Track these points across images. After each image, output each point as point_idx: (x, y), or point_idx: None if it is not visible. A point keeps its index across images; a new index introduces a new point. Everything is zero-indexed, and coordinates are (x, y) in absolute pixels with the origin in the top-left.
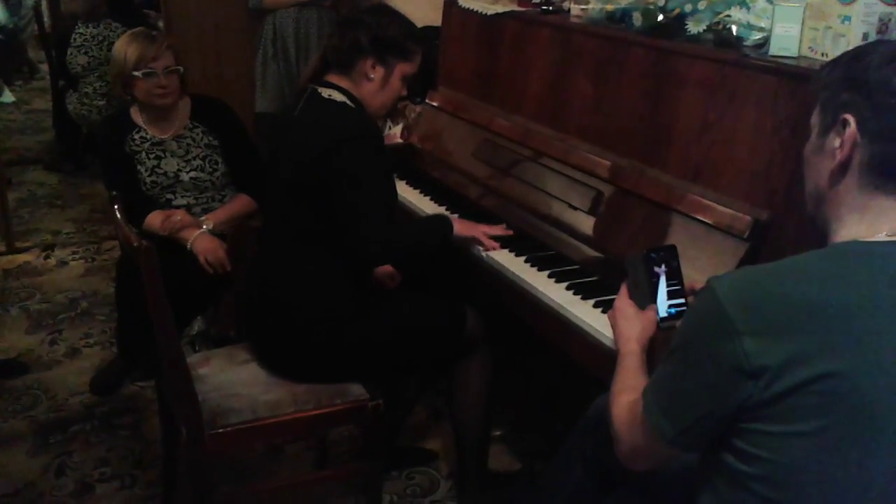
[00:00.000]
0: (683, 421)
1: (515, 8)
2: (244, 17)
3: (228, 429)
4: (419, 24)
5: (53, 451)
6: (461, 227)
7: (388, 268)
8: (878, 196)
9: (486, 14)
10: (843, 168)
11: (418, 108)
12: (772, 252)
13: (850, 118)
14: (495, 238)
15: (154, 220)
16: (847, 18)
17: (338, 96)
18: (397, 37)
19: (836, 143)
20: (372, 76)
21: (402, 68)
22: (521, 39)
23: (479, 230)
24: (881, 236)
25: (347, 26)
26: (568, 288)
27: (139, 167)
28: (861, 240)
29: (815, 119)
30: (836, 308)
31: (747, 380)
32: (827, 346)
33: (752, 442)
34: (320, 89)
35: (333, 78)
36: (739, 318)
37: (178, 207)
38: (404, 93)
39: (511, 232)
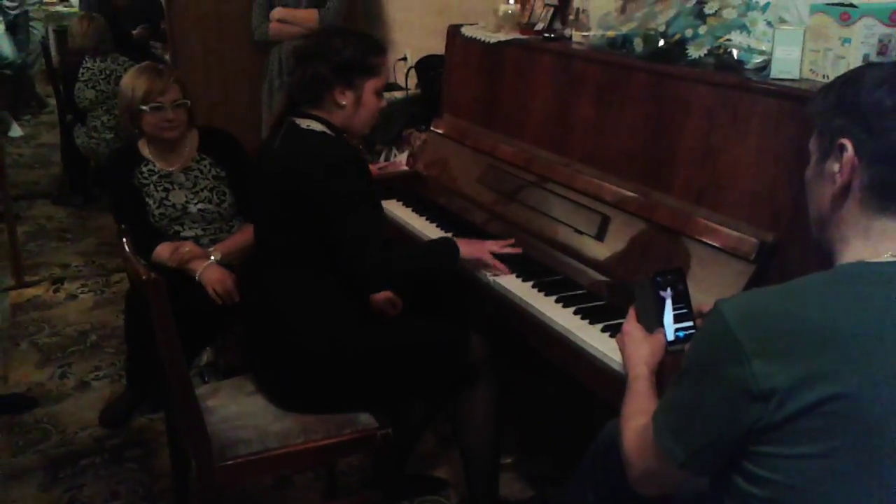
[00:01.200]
0: (694, 444)
1: (518, 36)
2: (250, 49)
3: (238, 460)
4: (422, 53)
5: (64, 486)
6: (467, 249)
7: (388, 294)
8: (881, 218)
9: (488, 42)
10: (843, 192)
11: (423, 136)
12: (778, 274)
13: (847, 143)
14: (503, 258)
15: (163, 251)
16: (847, 40)
17: (316, 126)
18: (356, 57)
19: (835, 167)
20: (343, 103)
21: (372, 84)
22: (523, 67)
23: (485, 250)
24: (886, 257)
25: (305, 61)
26: (576, 313)
27: (147, 200)
28: (867, 261)
29: (813, 145)
30: (844, 330)
31: (756, 402)
32: (835, 369)
33: (762, 464)
34: (298, 120)
35: (307, 108)
36: (748, 341)
37: (186, 239)
38: (383, 104)
39: (519, 249)
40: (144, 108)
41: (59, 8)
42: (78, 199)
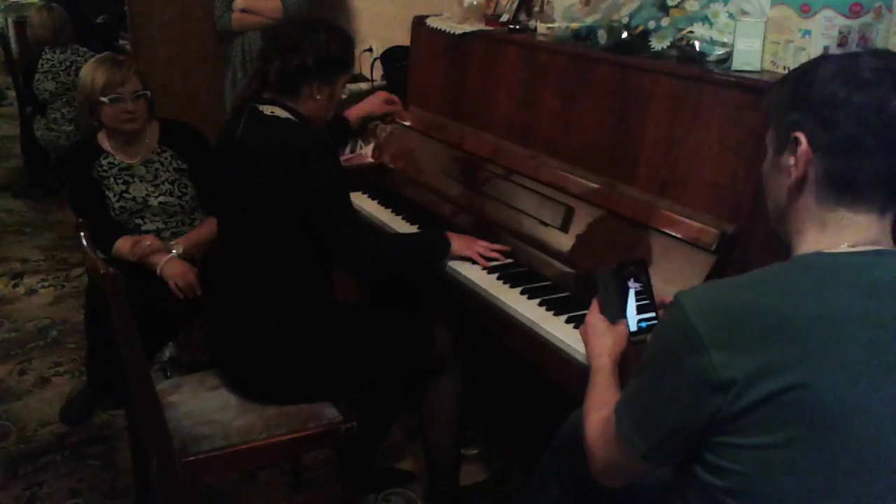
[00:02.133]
0: (655, 436)
1: (483, 27)
2: (212, 40)
3: (200, 456)
4: (388, 45)
5: (24, 483)
6: (459, 245)
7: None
8: (837, 209)
9: (454, 34)
10: (799, 185)
11: (389, 128)
12: (739, 264)
13: (801, 136)
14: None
15: (123, 245)
16: (807, 32)
17: (280, 112)
18: (339, 53)
19: (791, 161)
20: (318, 97)
21: (344, 80)
22: (489, 58)
23: (476, 250)
24: (843, 247)
25: (288, 51)
26: (540, 304)
27: (107, 193)
28: (824, 252)
29: (769, 138)
30: (802, 319)
31: (716, 393)
32: (794, 358)
33: (723, 455)
34: (261, 107)
35: (273, 95)
36: (707, 332)
37: (147, 232)
38: (345, 95)
39: (509, 260)
40: (104, 99)
41: None
42: (38, 192)
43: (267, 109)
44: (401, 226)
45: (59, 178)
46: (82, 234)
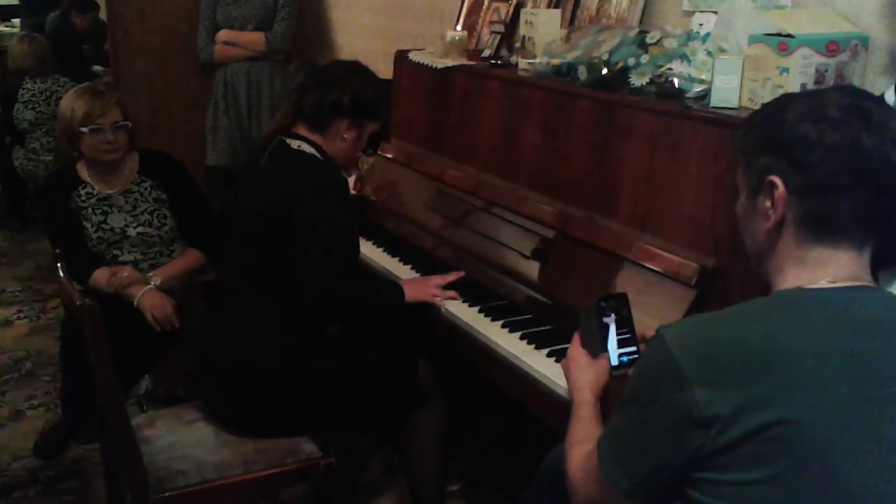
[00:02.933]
0: (638, 472)
1: (465, 62)
2: (194, 70)
3: (176, 492)
4: None
5: None
6: (412, 292)
7: None
8: (816, 247)
9: (436, 67)
10: (778, 227)
11: (371, 160)
12: (719, 298)
13: (777, 180)
14: (451, 286)
15: (100, 277)
16: (785, 70)
17: (307, 148)
18: (374, 99)
19: (767, 204)
20: (345, 136)
21: (371, 128)
22: (471, 92)
23: (430, 291)
24: (823, 283)
25: (330, 85)
26: (522, 338)
27: (85, 223)
28: (804, 287)
29: (740, 180)
30: (785, 355)
31: (699, 429)
32: (776, 393)
33: (706, 491)
34: (289, 140)
35: (302, 130)
36: (689, 368)
37: (124, 263)
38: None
39: (463, 272)
40: (84, 129)
41: (0, 28)
42: (16, 222)
43: (294, 143)
44: (382, 258)
45: (37, 209)
46: (59, 265)
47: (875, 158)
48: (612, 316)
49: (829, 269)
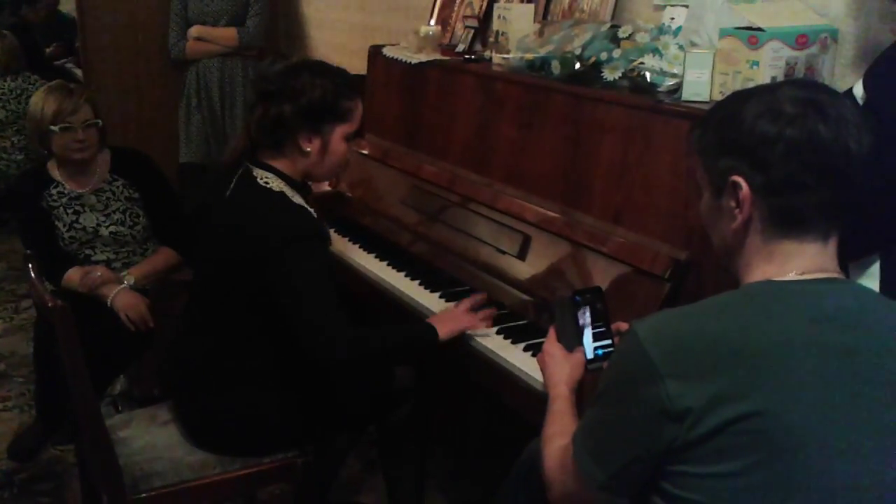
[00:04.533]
0: (613, 466)
1: (439, 57)
2: (166, 67)
3: (152, 493)
4: None
5: None
6: (447, 328)
7: None
8: (783, 241)
9: (410, 63)
10: (745, 225)
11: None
12: (693, 291)
13: (741, 180)
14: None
15: (73, 276)
16: (755, 63)
17: (275, 184)
18: (326, 99)
19: (732, 204)
20: (308, 149)
21: (342, 130)
22: (445, 87)
23: (464, 319)
24: (791, 275)
25: (266, 98)
26: (498, 332)
27: (57, 223)
28: (773, 279)
29: (701, 179)
30: (755, 348)
31: (672, 422)
32: (748, 386)
33: (680, 484)
34: (255, 171)
35: (267, 157)
36: (661, 362)
37: (97, 263)
38: (351, 149)
39: (485, 294)
40: (54, 128)
41: None
42: None
43: (261, 177)
44: (358, 254)
45: (8, 208)
46: (30, 265)
47: (834, 150)
48: (588, 309)
49: (796, 261)
